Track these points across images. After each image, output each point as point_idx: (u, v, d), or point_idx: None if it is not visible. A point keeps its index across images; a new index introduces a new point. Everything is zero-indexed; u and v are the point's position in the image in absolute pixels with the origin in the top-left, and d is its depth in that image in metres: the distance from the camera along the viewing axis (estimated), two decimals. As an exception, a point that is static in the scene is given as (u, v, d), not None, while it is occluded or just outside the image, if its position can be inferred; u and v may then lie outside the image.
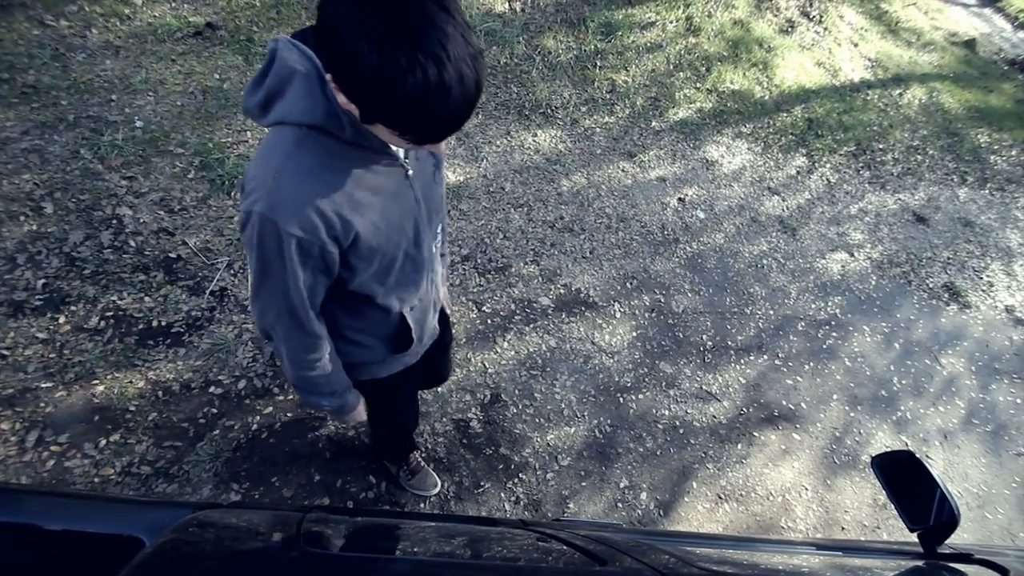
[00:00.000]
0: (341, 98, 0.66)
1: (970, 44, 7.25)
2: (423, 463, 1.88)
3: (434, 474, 1.88)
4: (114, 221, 2.19)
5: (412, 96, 0.58)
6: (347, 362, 1.07)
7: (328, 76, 0.66)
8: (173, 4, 3.05)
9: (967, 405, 2.94)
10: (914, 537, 1.05)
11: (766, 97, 4.33)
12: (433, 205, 0.98)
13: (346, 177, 0.77)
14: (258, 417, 1.89)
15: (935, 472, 1.04)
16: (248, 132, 2.66)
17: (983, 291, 3.67)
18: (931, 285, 3.53)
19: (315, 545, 0.67)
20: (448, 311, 1.39)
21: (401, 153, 0.84)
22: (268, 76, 0.73)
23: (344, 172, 0.76)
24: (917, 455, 1.10)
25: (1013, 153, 5.24)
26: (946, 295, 3.51)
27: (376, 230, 0.83)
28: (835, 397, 2.70)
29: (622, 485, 2.09)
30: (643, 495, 2.08)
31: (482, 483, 1.95)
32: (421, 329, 1.12)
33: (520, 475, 2.01)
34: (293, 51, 0.72)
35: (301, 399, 1.25)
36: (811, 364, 2.79)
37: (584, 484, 2.06)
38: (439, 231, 1.06)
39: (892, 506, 1.09)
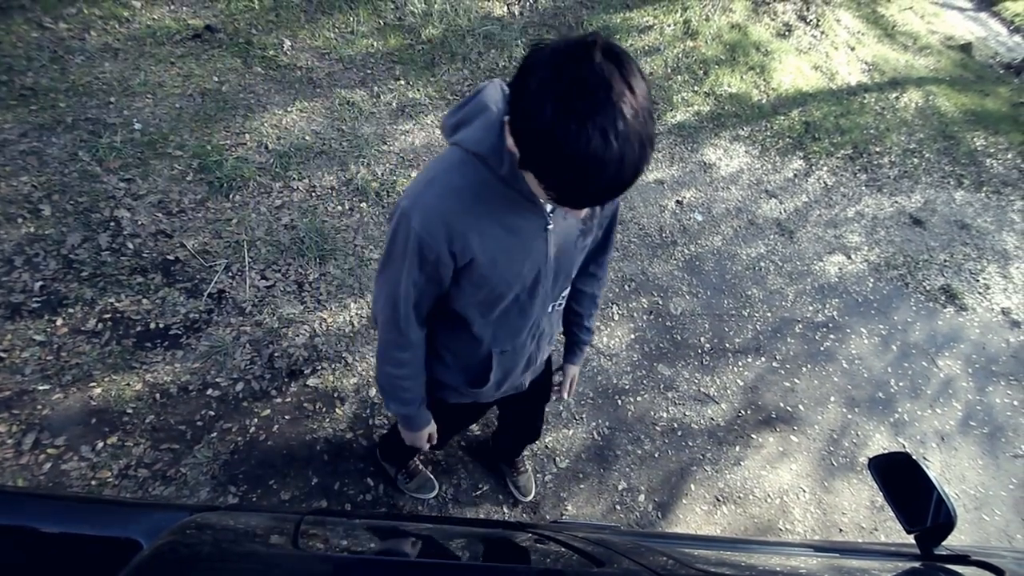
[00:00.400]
0: (509, 140, 0.71)
1: (966, 48, 7.29)
2: (421, 467, 1.88)
3: (432, 478, 1.88)
4: (112, 223, 2.19)
5: (569, 159, 0.62)
6: (427, 375, 1.10)
7: (505, 118, 0.71)
8: (172, 7, 3.05)
9: (964, 407, 2.95)
10: (911, 539, 1.06)
11: (763, 100, 4.35)
12: (564, 268, 0.99)
13: (486, 207, 0.82)
14: (256, 420, 1.89)
15: (932, 474, 1.04)
16: (246, 135, 2.66)
17: (979, 293, 3.69)
18: (928, 287, 3.54)
19: (313, 548, 0.67)
20: (553, 376, 1.41)
21: (548, 206, 0.86)
22: (466, 107, 0.84)
23: (487, 203, 0.82)
24: (914, 457, 1.10)
25: (1009, 156, 5.27)
26: (943, 297, 3.53)
27: (493, 264, 0.87)
28: (832, 399, 2.70)
29: (620, 487, 2.09)
30: (641, 497, 2.08)
31: (480, 485, 1.95)
32: (503, 375, 1.12)
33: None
34: (497, 93, 0.82)
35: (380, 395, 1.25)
36: (809, 366, 2.80)
37: (582, 486, 2.06)
38: (562, 295, 1.07)
39: (889, 508, 1.09)
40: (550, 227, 0.89)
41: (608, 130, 0.59)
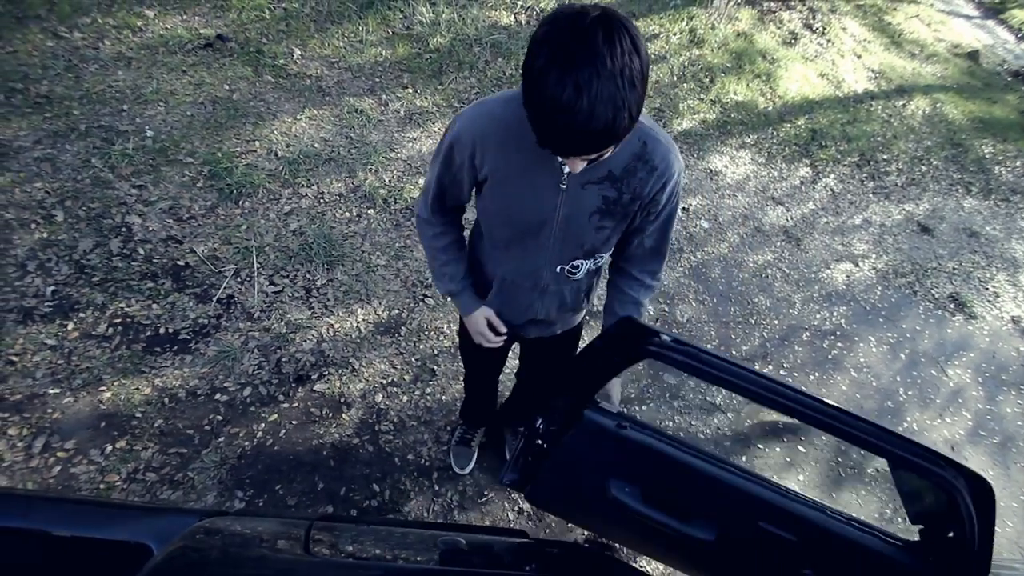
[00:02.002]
0: None
1: (973, 56, 7.27)
2: (475, 443, 1.98)
3: (474, 461, 1.97)
4: (123, 229, 2.22)
5: (545, 102, 0.71)
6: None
7: None
8: (184, 16, 3.10)
9: (974, 417, 2.92)
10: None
11: (770, 108, 4.35)
12: (574, 235, 1.03)
13: (513, 142, 0.92)
14: (263, 424, 1.90)
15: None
16: (256, 142, 2.69)
17: (989, 302, 3.65)
18: (936, 296, 3.52)
19: (322, 554, 0.67)
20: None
21: (567, 168, 0.92)
22: None
23: (515, 139, 0.91)
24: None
25: (1018, 164, 5.23)
26: (952, 306, 3.50)
27: (500, 188, 0.99)
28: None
29: (626, 495, 2.08)
30: (647, 506, 2.07)
31: (485, 492, 1.95)
32: (501, 304, 1.24)
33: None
34: None
35: None
36: (816, 375, 2.78)
37: (588, 494, 2.05)
38: (573, 262, 1.10)
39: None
40: (563, 187, 0.96)
41: (582, 86, 0.67)
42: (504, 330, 1.27)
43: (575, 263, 1.10)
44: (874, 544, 1.02)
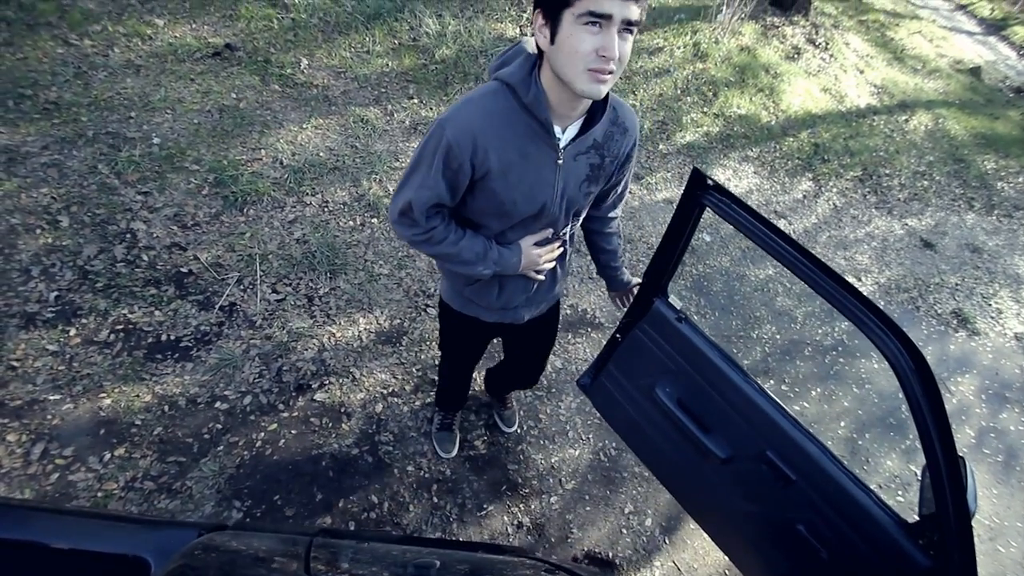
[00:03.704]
0: (546, 72, 0.91)
1: (975, 72, 7.31)
2: (455, 427, 2.02)
3: (457, 443, 2.01)
4: (128, 235, 2.23)
5: None
6: (442, 281, 1.32)
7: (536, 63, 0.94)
8: (194, 25, 3.14)
9: (977, 434, 2.90)
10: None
11: (772, 122, 4.37)
12: (568, 207, 1.11)
13: (510, 131, 0.96)
14: (262, 434, 1.89)
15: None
16: (262, 151, 2.71)
17: (992, 318, 3.64)
18: (939, 311, 3.51)
19: (323, 571, 0.67)
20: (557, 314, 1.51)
21: (562, 143, 1.00)
22: (507, 53, 1.03)
23: (511, 127, 0.96)
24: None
25: (1020, 180, 5.25)
26: (955, 321, 3.49)
27: (504, 178, 1.00)
28: (843, 424, 2.67)
29: (627, 510, 2.06)
30: (648, 521, 2.06)
31: (485, 506, 1.93)
32: (498, 288, 1.24)
33: (524, 498, 1.99)
34: (531, 46, 0.98)
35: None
36: (818, 389, 2.77)
37: (588, 508, 2.03)
38: (565, 228, 1.18)
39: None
40: (560, 162, 1.01)
41: None
42: (553, 253, 1.24)
43: (564, 228, 1.18)
44: (872, 510, 1.06)
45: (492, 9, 3.98)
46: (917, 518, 1.06)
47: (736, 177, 3.82)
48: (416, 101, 3.30)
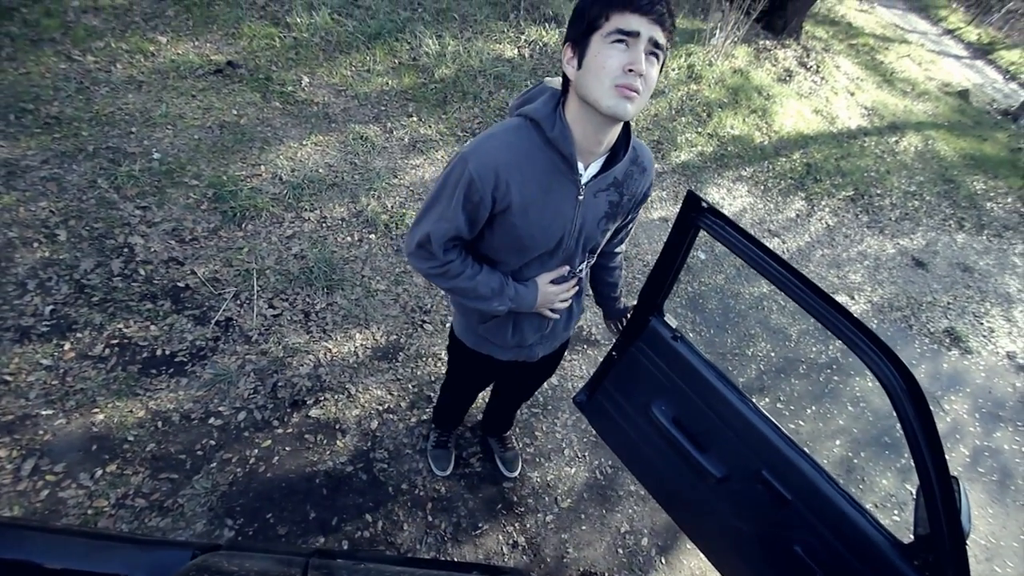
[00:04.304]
0: (571, 105, 0.94)
1: (963, 94, 7.48)
2: (451, 445, 2.01)
3: (452, 461, 2.00)
4: (125, 249, 2.23)
5: None
6: (455, 317, 1.32)
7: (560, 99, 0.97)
8: (197, 43, 3.18)
9: (972, 453, 2.91)
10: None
11: (765, 142, 4.45)
12: (586, 243, 1.12)
13: (531, 166, 0.98)
14: (256, 451, 1.88)
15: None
16: (262, 166, 2.73)
17: (984, 336, 3.68)
18: (932, 330, 3.54)
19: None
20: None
21: (583, 179, 1.02)
22: (531, 92, 1.06)
23: (533, 163, 0.98)
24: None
25: (1009, 200, 5.34)
26: (947, 340, 3.52)
27: (524, 214, 1.00)
28: (838, 442, 2.67)
29: (623, 529, 2.05)
30: (644, 540, 2.04)
31: (480, 524, 1.92)
32: (514, 324, 1.24)
33: (519, 517, 1.97)
34: (555, 84, 1.02)
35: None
36: (813, 407, 2.78)
37: (584, 527, 2.02)
38: (580, 264, 1.19)
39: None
40: (581, 198, 1.03)
41: None
42: (569, 292, 1.24)
43: (580, 265, 1.19)
44: (867, 530, 1.07)
45: (491, 31, 4.05)
46: (912, 538, 1.06)
47: (730, 196, 3.87)
48: (415, 119, 3.34)
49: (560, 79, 1.01)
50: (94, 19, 3.07)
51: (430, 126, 3.34)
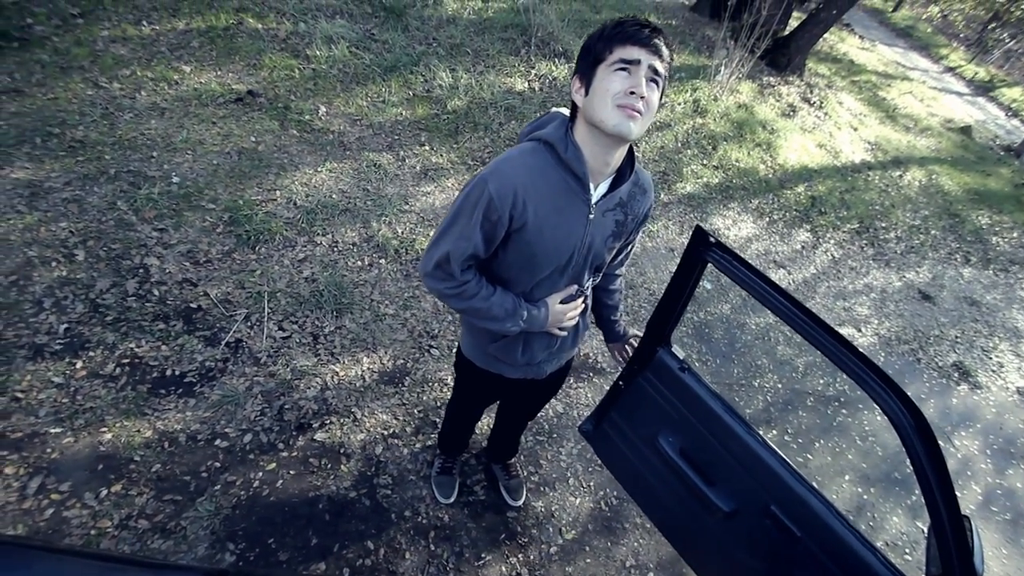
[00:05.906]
0: (580, 129, 1.02)
1: (966, 130, 7.57)
2: (455, 471, 2.00)
3: (456, 489, 1.99)
4: (141, 270, 2.28)
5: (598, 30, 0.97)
6: (464, 337, 1.35)
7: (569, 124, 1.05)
8: (218, 72, 3.30)
9: (984, 491, 2.85)
10: None
11: (770, 175, 4.51)
12: (593, 260, 1.17)
13: (546, 187, 1.03)
14: (260, 473, 1.88)
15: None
16: (277, 192, 2.80)
17: (993, 371, 3.64)
18: (940, 364, 3.51)
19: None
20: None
21: (594, 199, 1.07)
22: (542, 119, 1.12)
23: (548, 183, 1.03)
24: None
25: (1014, 235, 5.35)
26: (956, 374, 3.48)
27: (539, 232, 1.05)
28: (847, 477, 2.63)
29: (628, 563, 2.01)
30: (650, 575, 2.00)
31: (482, 555, 1.89)
32: (524, 343, 1.27)
33: (522, 547, 1.94)
34: (565, 112, 1.10)
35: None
36: (821, 441, 2.74)
37: (588, 560, 1.98)
38: (587, 281, 1.24)
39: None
40: (591, 217, 1.08)
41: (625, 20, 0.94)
42: (576, 310, 1.28)
43: (587, 283, 1.24)
44: (878, 570, 1.06)
45: (503, 65, 4.19)
46: None
47: (735, 226, 3.91)
48: (427, 148, 3.43)
49: (567, 109, 1.08)
50: (122, 48, 3.20)
51: (442, 155, 3.42)
